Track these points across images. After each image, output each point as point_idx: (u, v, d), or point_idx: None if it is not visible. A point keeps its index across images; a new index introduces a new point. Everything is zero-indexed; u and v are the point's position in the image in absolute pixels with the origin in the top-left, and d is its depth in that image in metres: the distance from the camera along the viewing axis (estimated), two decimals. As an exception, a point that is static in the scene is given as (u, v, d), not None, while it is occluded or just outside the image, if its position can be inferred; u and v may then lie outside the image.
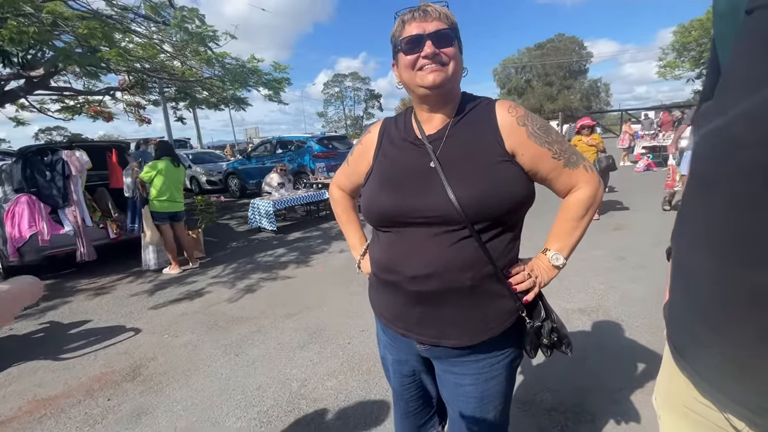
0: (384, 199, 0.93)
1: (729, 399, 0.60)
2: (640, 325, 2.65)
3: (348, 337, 2.84)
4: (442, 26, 0.87)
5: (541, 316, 0.96)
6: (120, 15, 5.45)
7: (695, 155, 0.65)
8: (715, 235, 0.58)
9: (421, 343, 0.98)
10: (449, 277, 0.87)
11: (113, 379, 2.54)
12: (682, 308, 0.68)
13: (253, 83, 7.24)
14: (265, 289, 4.01)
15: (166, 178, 4.48)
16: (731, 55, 0.61)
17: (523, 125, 0.90)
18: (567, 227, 0.98)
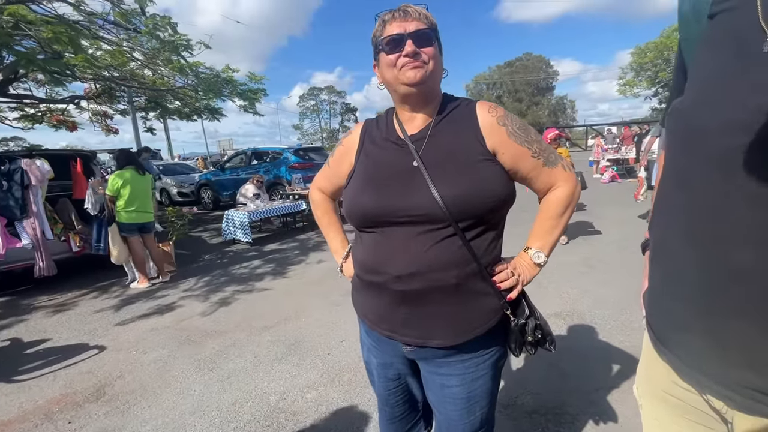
0: (367, 200, 0.93)
1: (710, 380, 0.62)
2: (612, 327, 2.74)
3: (328, 348, 2.78)
4: (422, 26, 0.88)
5: (525, 313, 0.96)
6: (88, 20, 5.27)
7: (668, 148, 0.69)
8: (692, 221, 0.61)
9: (407, 344, 0.97)
10: (434, 275, 0.87)
11: (75, 400, 2.37)
12: (662, 295, 0.71)
13: (228, 93, 7.15)
14: (240, 301, 3.88)
15: (132, 187, 4.30)
16: (696, 55, 0.66)
17: (503, 125, 0.92)
18: (547, 225, 1.00)
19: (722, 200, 0.56)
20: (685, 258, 0.63)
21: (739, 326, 0.56)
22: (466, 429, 1.01)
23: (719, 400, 0.63)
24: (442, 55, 0.95)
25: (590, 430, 1.83)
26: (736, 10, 0.58)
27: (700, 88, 0.62)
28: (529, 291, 1.01)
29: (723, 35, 0.60)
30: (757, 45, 0.53)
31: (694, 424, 0.71)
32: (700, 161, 0.59)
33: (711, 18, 0.63)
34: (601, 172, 11.89)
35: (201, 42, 6.11)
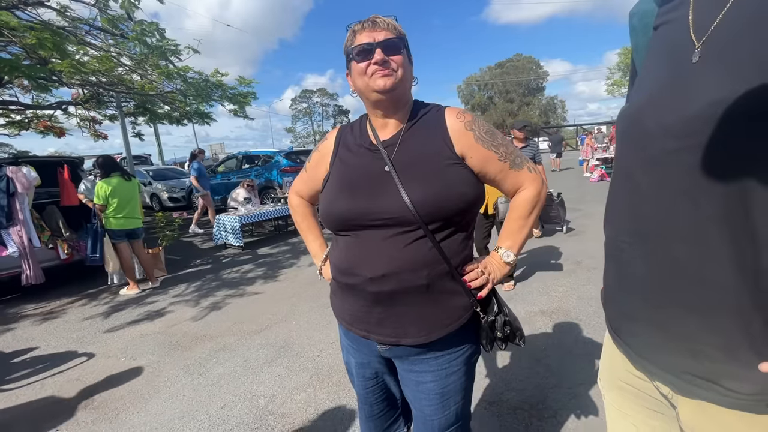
0: (341, 204, 0.96)
1: (657, 367, 0.67)
2: (596, 324, 2.79)
3: (317, 350, 2.80)
4: (391, 36, 0.92)
5: (495, 310, 1.00)
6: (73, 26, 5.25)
7: (617, 150, 0.74)
8: (637, 218, 0.66)
9: (382, 343, 1.00)
10: (405, 276, 0.90)
11: (62, 407, 2.37)
12: (615, 289, 0.75)
13: (218, 98, 7.14)
14: (230, 306, 3.88)
15: (120, 194, 4.28)
16: (644, 62, 0.72)
17: (470, 130, 0.96)
18: (515, 226, 1.05)
19: (662, 199, 0.61)
20: (632, 254, 0.68)
21: (679, 318, 0.61)
22: (442, 423, 1.04)
23: (665, 385, 0.68)
24: (412, 64, 0.99)
25: (572, 423, 1.88)
26: (673, 22, 0.64)
27: (642, 94, 0.67)
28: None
29: (662, 45, 0.66)
30: (688, 56, 0.58)
31: (648, 410, 0.76)
32: (644, 163, 0.64)
33: (655, 29, 0.69)
34: (590, 171, 12.04)
35: (189, 47, 6.12)
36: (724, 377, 0.58)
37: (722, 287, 0.55)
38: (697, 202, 0.56)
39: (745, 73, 0.51)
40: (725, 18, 0.55)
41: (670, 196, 0.59)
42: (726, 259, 0.54)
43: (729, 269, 0.54)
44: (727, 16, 0.55)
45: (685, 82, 0.58)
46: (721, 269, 0.55)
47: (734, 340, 0.55)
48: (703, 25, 0.58)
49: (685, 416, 0.66)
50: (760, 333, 0.53)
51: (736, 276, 0.54)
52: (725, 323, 0.56)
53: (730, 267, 0.54)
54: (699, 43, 0.57)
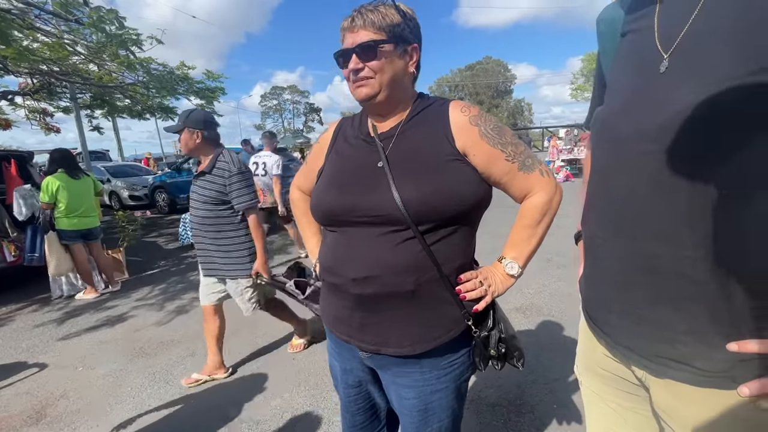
0: (330, 197, 0.91)
1: (632, 352, 0.70)
2: (568, 319, 2.88)
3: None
4: (369, 36, 0.84)
5: (488, 326, 0.92)
6: (20, 11, 4.84)
7: (593, 152, 0.77)
8: (612, 217, 0.69)
9: (363, 350, 0.93)
10: (389, 280, 0.84)
11: (11, 424, 2.16)
12: (592, 280, 0.79)
13: (183, 91, 6.81)
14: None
15: (70, 192, 3.96)
16: (612, 67, 0.75)
17: (475, 125, 0.88)
18: (524, 234, 0.95)
19: (637, 199, 0.64)
20: (608, 249, 0.71)
21: (652, 308, 0.65)
22: None
23: (640, 369, 0.71)
24: (413, 53, 0.90)
25: (549, 416, 1.92)
26: (640, 31, 0.68)
27: (616, 99, 0.71)
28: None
29: (630, 53, 0.70)
30: (656, 65, 0.62)
31: (624, 393, 0.80)
32: (619, 165, 0.68)
33: (623, 36, 0.73)
34: (556, 172, 12.51)
35: (152, 36, 5.79)
36: (694, 359, 0.61)
37: (693, 281, 0.59)
38: (670, 201, 0.60)
39: (710, 83, 0.54)
40: (689, 31, 0.58)
41: (644, 196, 0.63)
42: (697, 254, 0.58)
43: (700, 264, 0.58)
44: (690, 30, 0.58)
45: (656, 90, 0.62)
46: (692, 264, 0.58)
47: (703, 327, 0.59)
48: (668, 36, 0.62)
49: (657, 396, 0.71)
50: (726, 318, 0.57)
51: (707, 270, 0.57)
52: (695, 312, 0.60)
53: (700, 262, 0.58)
54: (666, 54, 0.61)
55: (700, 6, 0.58)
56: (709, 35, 0.56)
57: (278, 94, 56.41)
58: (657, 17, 0.65)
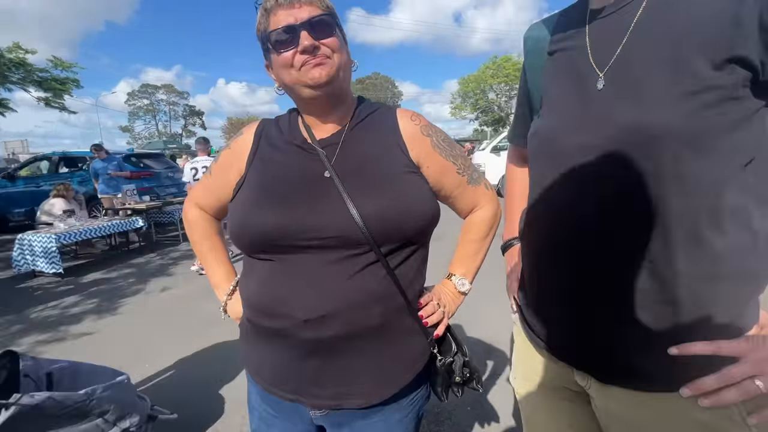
0: (264, 216, 0.73)
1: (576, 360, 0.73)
2: (480, 328, 3.06)
3: (188, 392, 2.31)
4: (317, 12, 0.72)
5: (453, 350, 0.85)
6: None
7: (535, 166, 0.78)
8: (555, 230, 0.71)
9: (316, 407, 0.78)
10: (353, 316, 0.71)
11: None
12: (535, 294, 0.80)
13: (19, 80, 5.45)
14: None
15: None
16: (544, 83, 0.77)
17: (427, 135, 0.82)
18: (471, 249, 0.93)
19: (580, 212, 0.66)
20: (552, 264, 0.73)
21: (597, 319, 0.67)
22: None
23: (585, 377, 0.73)
24: (347, 44, 0.80)
25: (467, 419, 1.98)
26: (573, 50, 0.70)
27: (556, 115, 0.73)
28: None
29: (566, 71, 0.72)
30: (592, 83, 0.65)
31: (563, 401, 0.82)
32: (561, 179, 0.69)
33: (550, 54, 0.77)
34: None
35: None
36: (639, 364, 0.65)
37: (638, 290, 0.62)
38: (613, 214, 0.62)
39: (646, 103, 0.58)
40: (623, 51, 0.62)
41: (587, 209, 0.65)
42: (641, 265, 0.61)
43: (644, 275, 0.61)
44: (624, 50, 0.62)
45: (595, 107, 0.64)
46: (636, 275, 0.61)
47: (648, 333, 0.63)
48: (602, 56, 0.65)
49: (601, 402, 0.73)
50: (669, 325, 0.61)
51: (650, 280, 0.60)
52: (640, 319, 0.63)
53: (645, 273, 0.61)
54: (602, 72, 0.64)
55: (632, 28, 0.61)
56: (642, 56, 0.60)
57: (150, 93, 49.86)
58: (588, 37, 0.68)
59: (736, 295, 0.60)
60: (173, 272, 4.91)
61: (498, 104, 33.18)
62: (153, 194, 7.01)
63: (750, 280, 0.61)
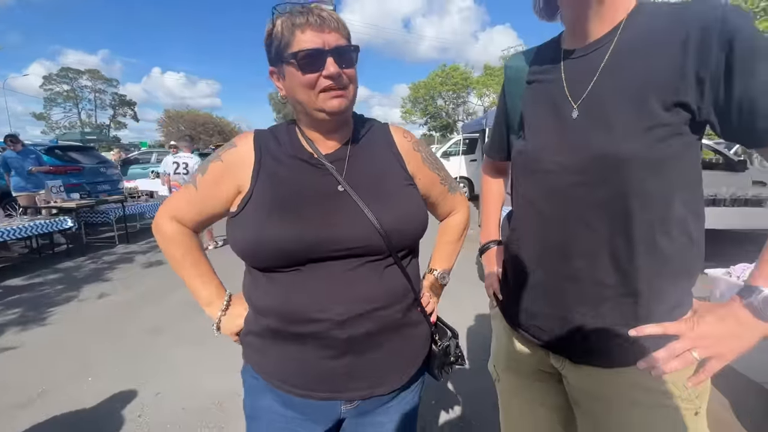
0: (285, 232, 0.75)
1: (556, 348, 0.86)
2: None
3: (138, 407, 2.16)
4: (342, 41, 0.76)
5: (448, 334, 0.96)
6: None
7: (519, 182, 0.90)
8: (540, 238, 0.84)
9: (351, 400, 0.83)
10: (382, 313, 0.79)
11: None
12: (521, 294, 0.91)
13: None
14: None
15: None
16: (525, 108, 0.89)
17: (418, 151, 0.92)
18: (449, 249, 1.04)
19: (561, 222, 0.79)
20: (536, 266, 0.85)
21: (575, 311, 0.80)
22: None
23: (561, 360, 0.87)
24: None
25: (431, 411, 2.08)
26: (550, 82, 0.82)
27: (538, 137, 0.85)
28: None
29: (543, 99, 0.85)
30: (568, 112, 0.77)
31: (537, 382, 0.97)
32: (545, 194, 0.81)
33: (529, 83, 0.89)
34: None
35: None
36: (606, 346, 0.79)
37: (606, 285, 0.76)
38: (588, 224, 0.75)
39: (615, 133, 0.71)
40: (594, 87, 0.75)
41: (568, 220, 0.78)
42: (609, 264, 0.75)
43: (611, 273, 0.75)
44: (595, 86, 0.75)
45: (571, 133, 0.77)
46: (606, 273, 0.75)
47: (613, 320, 0.77)
48: (576, 89, 0.77)
49: (574, 381, 0.87)
50: (630, 313, 0.76)
51: (617, 277, 0.75)
52: (608, 310, 0.77)
53: (612, 271, 0.75)
54: (576, 104, 0.77)
55: (602, 68, 0.74)
56: (611, 93, 0.72)
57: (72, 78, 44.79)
58: (563, 72, 0.80)
59: (679, 286, 0.76)
60: (110, 277, 4.52)
61: (446, 111, 34.44)
62: (83, 191, 6.33)
63: (688, 275, 0.76)
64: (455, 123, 32.70)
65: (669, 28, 0.67)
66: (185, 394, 2.28)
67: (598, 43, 0.75)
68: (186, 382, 2.39)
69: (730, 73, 0.62)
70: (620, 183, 0.71)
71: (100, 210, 5.96)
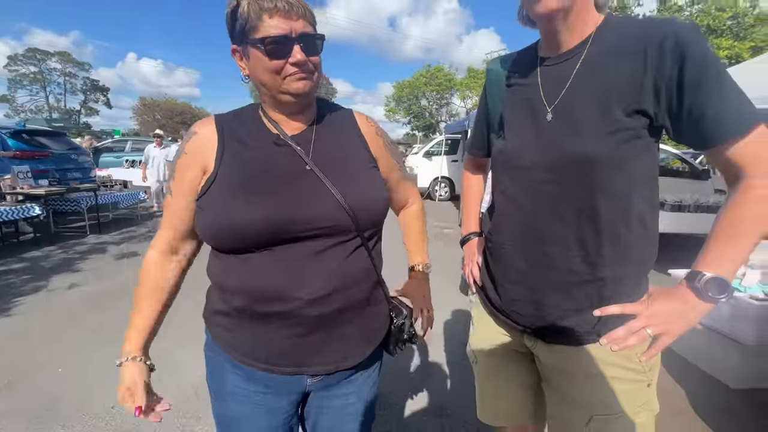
0: (254, 212, 0.75)
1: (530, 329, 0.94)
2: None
3: (111, 398, 2.13)
4: (309, 28, 0.78)
5: (403, 313, 1.00)
6: None
7: (500, 178, 0.97)
8: (519, 229, 0.91)
9: (316, 375, 0.87)
10: (350, 291, 0.83)
11: None
12: (497, 277, 0.99)
13: None
14: None
15: None
16: (504, 109, 0.96)
17: (380, 136, 0.96)
18: (421, 239, 1.12)
19: (537, 215, 0.87)
20: (514, 253, 0.93)
21: (549, 294, 0.88)
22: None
23: (534, 340, 0.96)
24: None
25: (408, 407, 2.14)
26: (528, 86, 0.90)
27: (516, 137, 0.92)
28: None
29: (521, 102, 0.92)
30: (543, 115, 0.85)
31: (515, 363, 1.05)
32: (523, 188, 0.89)
33: (508, 86, 0.97)
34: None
35: None
36: (575, 326, 0.87)
37: (576, 272, 0.84)
38: (560, 217, 0.84)
39: (583, 135, 0.79)
40: (566, 94, 0.83)
41: (542, 213, 0.86)
42: (578, 254, 0.83)
43: (580, 261, 0.83)
44: (566, 93, 0.83)
45: (546, 133, 0.84)
46: (575, 261, 0.84)
47: (581, 303, 0.85)
48: (550, 94, 0.85)
49: (546, 359, 0.95)
50: (596, 296, 0.84)
51: (585, 265, 0.83)
52: (577, 294, 0.86)
53: (581, 259, 0.83)
54: (550, 108, 0.84)
55: (573, 76, 0.81)
56: (580, 99, 0.80)
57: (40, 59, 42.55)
58: (540, 77, 0.88)
59: (637, 272, 0.85)
60: (81, 267, 4.37)
61: (430, 111, 34.71)
62: (52, 178, 6.07)
63: (644, 262, 0.85)
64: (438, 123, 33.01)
65: (631, 42, 0.75)
66: (161, 384, 2.24)
67: (570, 53, 0.83)
68: (162, 372, 2.35)
69: (682, 84, 0.70)
70: (588, 180, 0.79)
71: (71, 198, 5.73)
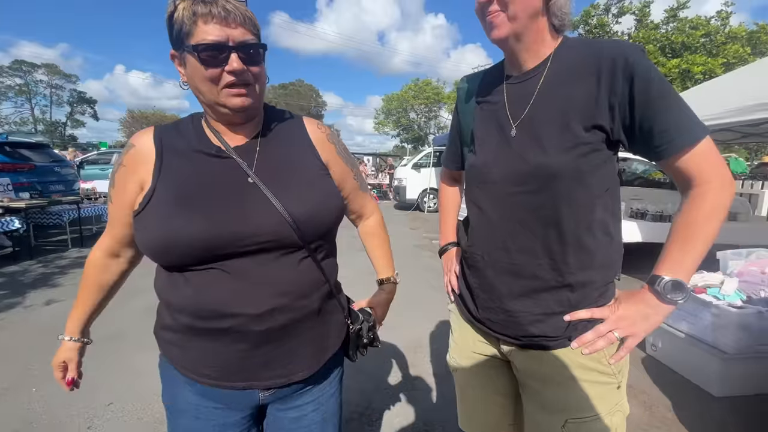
0: (194, 228, 0.72)
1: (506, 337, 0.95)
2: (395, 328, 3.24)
3: (86, 419, 2.05)
4: (249, 36, 0.74)
5: (360, 318, 1.01)
6: None
7: (471, 191, 1.00)
8: (489, 239, 0.94)
9: (267, 388, 0.85)
10: (299, 304, 0.81)
11: None
12: (473, 285, 1.01)
13: None
14: None
15: None
16: (476, 126, 1.00)
17: (332, 142, 0.94)
18: (385, 252, 1.13)
19: (506, 226, 0.90)
20: (486, 263, 0.95)
21: (520, 302, 0.91)
22: None
23: (510, 347, 0.97)
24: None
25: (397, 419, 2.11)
26: (495, 104, 0.95)
27: (485, 152, 0.96)
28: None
29: (490, 119, 0.97)
30: (508, 131, 0.89)
31: (493, 371, 1.06)
32: (492, 201, 0.93)
33: (478, 103, 1.01)
34: (366, 195, 14.05)
35: None
36: (546, 332, 0.89)
37: (544, 279, 0.87)
38: (528, 227, 0.87)
39: (546, 150, 0.82)
40: (529, 111, 0.87)
41: (510, 223, 0.89)
42: (546, 262, 0.86)
43: (548, 268, 0.86)
44: (530, 111, 0.87)
45: (512, 149, 0.88)
46: (543, 268, 0.87)
47: (551, 309, 0.88)
48: (515, 111, 0.90)
49: (521, 365, 0.97)
50: (566, 301, 0.87)
51: (552, 272, 0.86)
52: (546, 300, 0.88)
53: (548, 266, 0.86)
54: (515, 124, 0.89)
55: (536, 94, 0.86)
56: (542, 115, 0.85)
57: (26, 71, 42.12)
58: (506, 95, 0.92)
59: (603, 278, 0.87)
60: (61, 282, 4.25)
61: (418, 123, 35.16)
62: (33, 191, 5.94)
63: (609, 268, 0.88)
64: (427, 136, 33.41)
65: (587, 62, 0.80)
66: (142, 404, 2.19)
67: (533, 72, 0.87)
68: (144, 392, 2.29)
69: (633, 100, 0.75)
70: (552, 191, 0.82)
71: (53, 211, 5.61)
